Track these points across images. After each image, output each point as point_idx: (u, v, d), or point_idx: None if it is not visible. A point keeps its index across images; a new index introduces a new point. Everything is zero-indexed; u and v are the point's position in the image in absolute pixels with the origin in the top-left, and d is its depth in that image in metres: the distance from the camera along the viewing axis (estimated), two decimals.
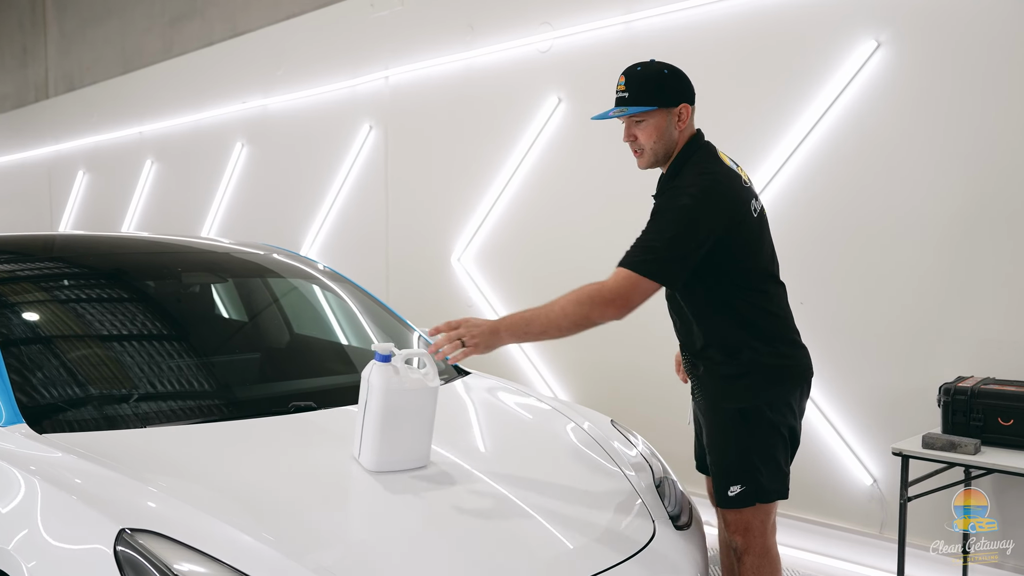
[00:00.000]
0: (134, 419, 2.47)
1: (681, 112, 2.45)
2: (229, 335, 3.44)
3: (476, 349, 2.31)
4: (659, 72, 2.46)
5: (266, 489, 2.14)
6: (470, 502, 2.26)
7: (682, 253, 2.30)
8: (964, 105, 3.43)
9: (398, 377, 2.28)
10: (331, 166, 6.37)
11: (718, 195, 2.36)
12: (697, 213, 2.31)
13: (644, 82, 2.44)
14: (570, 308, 2.31)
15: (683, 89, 2.48)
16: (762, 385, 2.43)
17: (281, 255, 3.79)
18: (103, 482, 2.06)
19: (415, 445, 2.33)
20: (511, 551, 2.09)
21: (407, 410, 2.29)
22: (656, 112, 2.44)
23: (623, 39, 4.53)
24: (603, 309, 2.29)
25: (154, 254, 3.55)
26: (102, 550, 1.83)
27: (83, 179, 9.72)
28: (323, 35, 6.45)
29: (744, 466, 2.45)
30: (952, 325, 3.48)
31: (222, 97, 7.47)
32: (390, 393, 2.26)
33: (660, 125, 2.45)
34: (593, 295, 2.30)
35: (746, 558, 2.52)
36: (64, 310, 2.91)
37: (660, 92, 2.44)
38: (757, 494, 2.47)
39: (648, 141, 2.47)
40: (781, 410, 2.46)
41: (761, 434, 2.44)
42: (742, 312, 2.43)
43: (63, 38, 10.31)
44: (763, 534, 2.52)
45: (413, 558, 1.98)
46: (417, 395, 2.30)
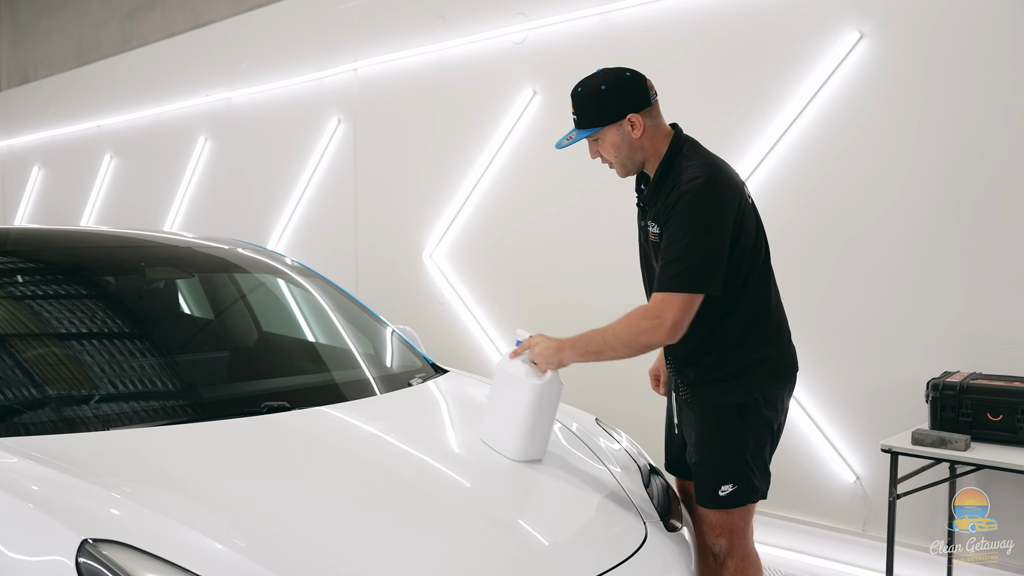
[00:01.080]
0: (95, 421, 2.32)
1: (632, 122, 2.37)
2: (194, 333, 3.29)
3: (542, 366, 2.38)
4: (596, 91, 2.38)
5: (236, 493, 2.02)
6: (455, 507, 2.16)
7: (710, 255, 2.23)
8: (948, 97, 3.39)
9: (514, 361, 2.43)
10: (299, 160, 6.21)
11: (724, 186, 2.30)
12: (710, 208, 2.25)
13: (585, 104, 2.40)
14: (620, 330, 2.29)
15: (625, 100, 2.37)
16: (761, 380, 2.38)
17: (248, 250, 3.64)
18: (62, 489, 1.92)
19: (512, 434, 2.39)
20: (499, 556, 1.99)
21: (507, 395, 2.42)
22: (604, 129, 2.39)
23: (600, 30, 4.45)
24: (650, 334, 2.25)
25: (114, 248, 3.38)
26: (63, 562, 1.69)
27: (38, 174, 9.42)
28: (289, 26, 6.29)
29: (738, 465, 2.40)
30: (936, 320, 3.44)
31: (184, 90, 7.26)
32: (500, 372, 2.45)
33: (614, 140, 2.40)
34: (639, 320, 2.27)
35: (729, 561, 2.47)
36: (19, 307, 2.75)
37: (600, 111, 2.38)
38: (748, 494, 2.42)
39: (610, 155, 2.44)
40: (775, 406, 2.43)
41: (755, 432, 2.40)
42: (744, 306, 2.37)
43: (16, 29, 9.98)
44: (745, 535, 2.48)
45: (389, 564, 1.87)
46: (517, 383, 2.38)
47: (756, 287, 2.39)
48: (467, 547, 2.00)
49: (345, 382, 2.93)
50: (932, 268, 3.44)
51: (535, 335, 2.42)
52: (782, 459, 3.76)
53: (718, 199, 2.27)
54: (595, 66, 2.48)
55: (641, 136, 2.38)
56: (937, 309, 3.43)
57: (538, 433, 2.38)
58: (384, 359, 3.25)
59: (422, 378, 3.04)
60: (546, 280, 4.76)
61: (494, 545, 2.03)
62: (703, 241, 2.22)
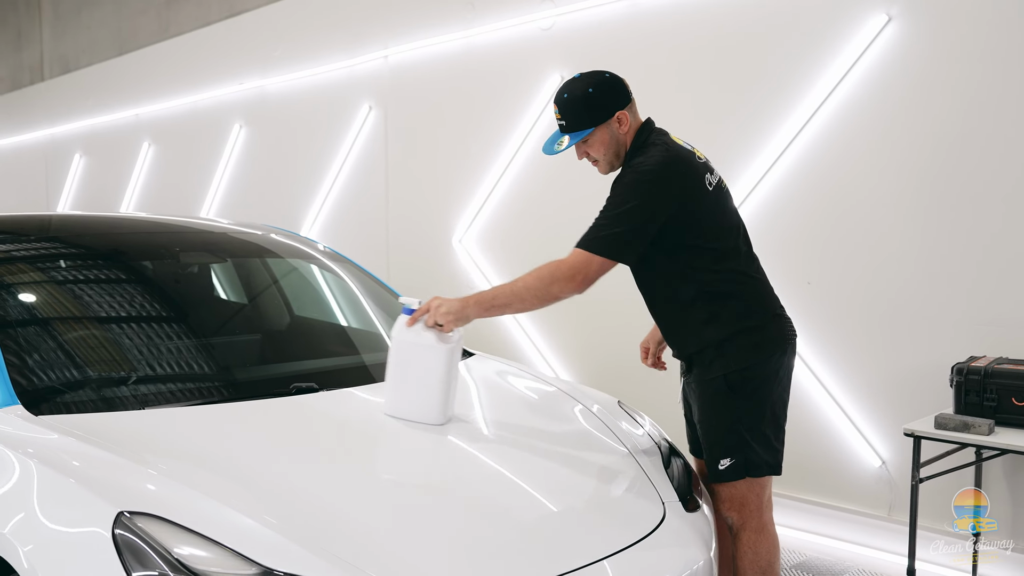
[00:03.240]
0: (132, 401, 2.42)
1: (620, 118, 2.50)
2: (228, 316, 3.38)
3: (448, 326, 2.46)
4: (584, 94, 2.49)
5: (267, 471, 2.09)
6: (477, 486, 2.22)
7: (632, 229, 2.37)
8: (978, 80, 3.36)
9: (413, 330, 2.46)
10: (331, 147, 6.29)
11: (669, 170, 2.41)
12: (646, 188, 2.38)
13: (574, 108, 2.50)
14: (532, 283, 2.43)
15: (613, 99, 2.50)
16: (743, 353, 2.44)
17: (280, 235, 3.73)
18: (101, 465, 2.01)
19: (426, 400, 2.44)
20: (520, 534, 2.05)
21: (415, 363, 2.45)
22: (596, 130, 2.50)
23: (627, 16, 4.45)
24: (562, 285, 2.41)
25: (152, 234, 3.49)
26: (100, 533, 1.78)
27: (80, 162, 9.63)
28: (322, 14, 6.36)
29: (732, 438, 2.45)
30: (963, 305, 3.42)
31: (219, 78, 7.37)
32: (400, 343, 2.48)
33: (604, 139, 2.52)
34: (554, 272, 2.41)
35: (743, 535, 2.52)
36: (61, 291, 2.85)
37: (591, 112, 2.49)
38: (747, 467, 2.47)
39: (599, 153, 2.55)
40: (768, 379, 2.47)
41: (747, 405, 2.45)
42: (708, 287, 2.45)
43: (58, 20, 10.19)
44: (759, 509, 2.51)
45: (416, 541, 1.93)
46: (426, 351, 2.44)
47: (724, 266, 2.46)
48: (487, 524, 2.06)
49: (371, 364, 3.00)
50: (960, 252, 3.42)
51: (431, 299, 2.50)
52: (809, 443, 3.80)
53: (659, 181, 2.39)
54: (623, 51, 2.54)
55: (626, 132, 2.52)
56: (965, 293, 3.42)
57: (452, 393, 2.50)
58: None
59: None
60: None
61: (513, 523, 2.09)
62: (632, 215, 2.37)
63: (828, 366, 3.81)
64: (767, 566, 2.53)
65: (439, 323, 2.46)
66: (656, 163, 2.41)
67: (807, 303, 3.77)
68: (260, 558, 1.75)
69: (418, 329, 2.47)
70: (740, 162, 3.96)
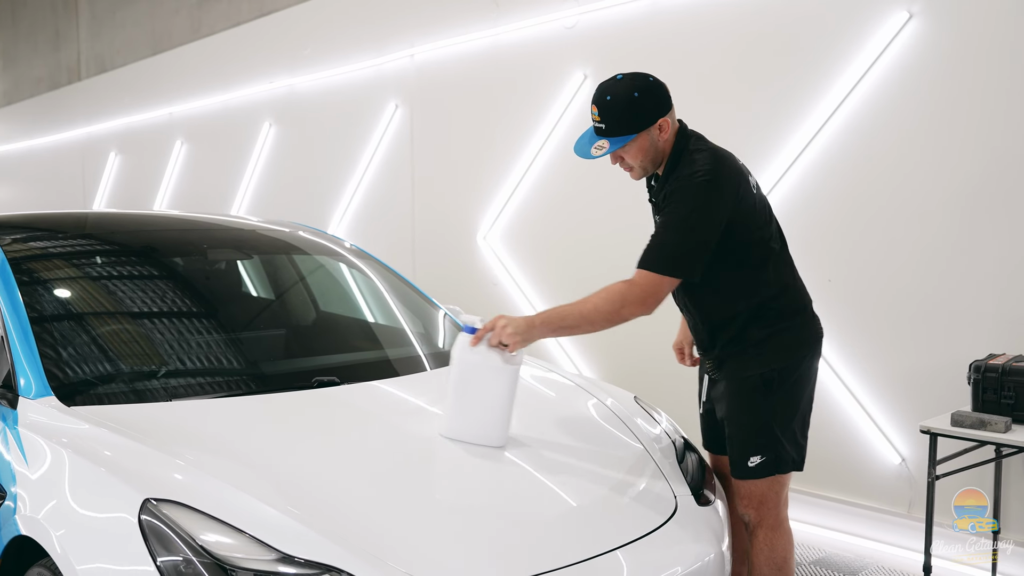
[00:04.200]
0: (161, 393, 2.50)
1: (661, 125, 2.43)
2: (255, 311, 3.46)
3: (513, 346, 2.37)
4: (629, 98, 2.41)
5: (288, 461, 2.16)
6: (493, 477, 2.27)
7: (699, 243, 2.34)
8: (999, 77, 3.35)
9: (476, 350, 2.36)
10: (358, 145, 6.38)
11: (721, 178, 2.37)
12: (704, 199, 2.34)
13: (619, 113, 2.42)
14: (602, 306, 2.35)
15: (658, 104, 2.44)
16: (780, 353, 2.45)
17: (307, 233, 3.81)
18: (130, 454, 2.09)
19: (488, 422, 2.36)
20: (532, 524, 2.10)
21: (477, 384, 2.36)
22: (637, 136, 2.43)
23: (649, 14, 4.48)
24: (634, 308, 2.35)
25: (183, 232, 3.58)
26: (127, 519, 1.86)
27: (115, 160, 9.83)
28: (349, 13, 6.44)
29: (765, 436, 2.47)
30: (983, 303, 3.41)
31: (250, 77, 7.49)
32: (462, 363, 2.38)
33: (644, 145, 2.45)
34: (625, 295, 2.35)
35: (759, 531, 2.54)
36: (93, 286, 2.95)
37: (637, 118, 2.42)
38: (777, 464, 2.48)
39: (636, 160, 2.49)
40: (800, 377, 2.49)
41: (782, 403, 2.47)
42: (755, 287, 2.45)
43: (94, 20, 10.39)
44: (776, 506, 2.53)
45: (431, 530, 1.99)
46: (490, 371, 2.35)
47: (768, 267, 2.47)
48: (501, 514, 2.11)
49: (394, 359, 3.07)
50: (982, 250, 3.41)
51: (495, 317, 2.41)
52: (828, 439, 3.80)
53: (714, 190, 2.35)
54: (645, 50, 2.52)
55: (667, 138, 2.46)
56: (986, 291, 3.41)
57: (511, 415, 2.41)
58: (433, 337, 3.37)
59: None
60: (595, 260, 4.82)
61: (526, 513, 2.13)
62: (692, 227, 2.33)
63: (849, 363, 3.81)
64: (782, 562, 2.55)
65: (504, 343, 2.36)
66: (709, 170, 2.36)
67: (828, 300, 3.76)
68: (279, 545, 1.82)
69: (481, 349, 2.36)
70: (761, 160, 3.97)
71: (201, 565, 1.78)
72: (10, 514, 2.11)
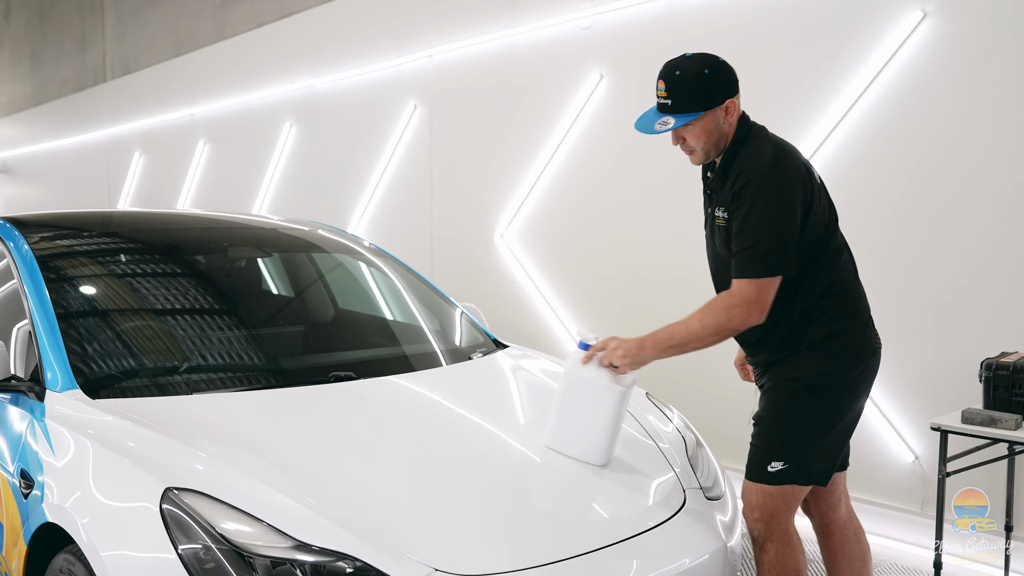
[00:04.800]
0: (181, 387, 2.57)
1: (728, 107, 2.38)
2: (275, 308, 3.53)
3: (624, 368, 2.34)
4: (700, 74, 2.35)
5: (306, 453, 2.22)
6: (505, 469, 2.32)
7: (783, 238, 2.26)
8: (1012, 77, 3.35)
9: (587, 367, 2.36)
10: (377, 144, 6.45)
11: (790, 168, 2.31)
12: (778, 188, 2.27)
13: (687, 88, 2.35)
14: (709, 321, 2.30)
15: (727, 84, 2.39)
16: (832, 357, 2.36)
17: (327, 232, 3.87)
18: (152, 445, 2.15)
19: (591, 440, 2.36)
20: (542, 517, 2.15)
21: (585, 401, 2.35)
22: (703, 115, 2.37)
23: (664, 15, 4.51)
24: (742, 319, 2.29)
25: (205, 230, 3.65)
26: (149, 508, 1.92)
27: (139, 160, 9.97)
28: (369, 14, 6.52)
29: (794, 443, 2.37)
30: (997, 301, 3.42)
31: (271, 78, 7.59)
32: (572, 379, 2.38)
33: (708, 126, 2.38)
34: (729, 308, 2.29)
35: (768, 546, 2.42)
36: (118, 283, 3.03)
37: (705, 95, 2.36)
38: (798, 474, 2.37)
39: (698, 142, 2.41)
40: (850, 388, 2.38)
41: (823, 412, 2.37)
42: (812, 283, 2.36)
43: (119, 22, 10.55)
44: (786, 520, 2.42)
45: (445, 521, 2.04)
46: (598, 390, 2.34)
47: (825, 263, 2.38)
48: (511, 505, 2.16)
49: (409, 355, 3.13)
50: (995, 248, 3.42)
51: (608, 338, 2.38)
52: None
53: (786, 181, 2.28)
54: (660, 51, 2.48)
55: (732, 122, 2.40)
56: (1000, 289, 3.41)
57: (618, 434, 2.39)
58: (448, 334, 3.43)
59: (483, 352, 3.21)
60: (613, 259, 4.87)
61: (539, 505, 2.19)
62: (775, 224, 2.26)
63: None
64: None
65: (614, 364, 2.34)
66: (775, 158, 2.31)
67: None
68: (296, 533, 1.88)
69: (592, 366, 2.36)
70: None
71: (220, 552, 1.84)
72: (38, 502, 2.18)
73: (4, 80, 14.54)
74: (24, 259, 2.85)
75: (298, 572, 1.83)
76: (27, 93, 13.55)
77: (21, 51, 13.68)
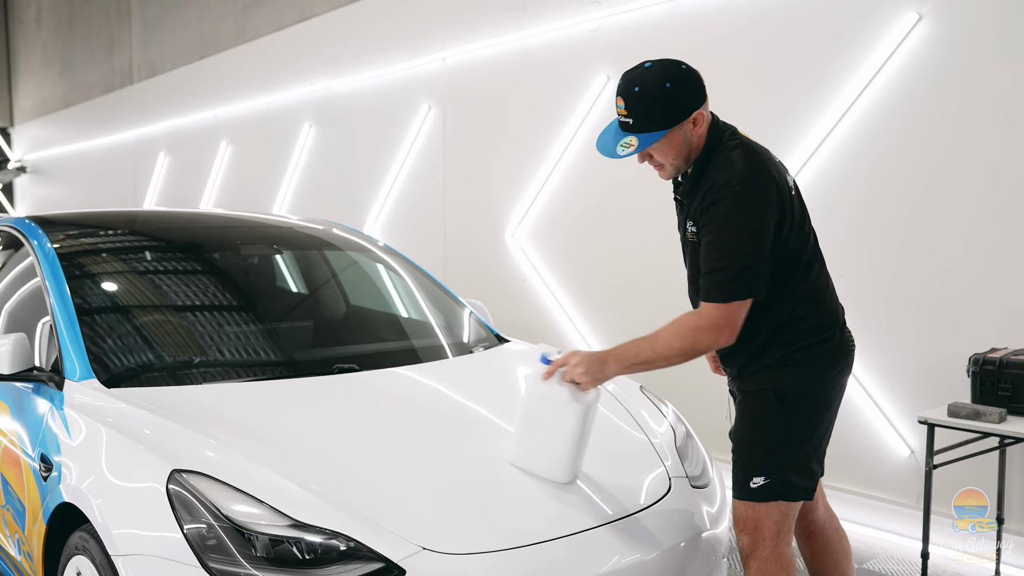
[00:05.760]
0: (192, 376, 2.70)
1: (696, 119, 2.22)
2: (288, 304, 3.66)
3: (588, 384, 2.25)
4: (661, 89, 2.18)
5: (308, 439, 2.34)
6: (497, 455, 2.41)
7: (752, 260, 2.15)
8: (1007, 79, 3.41)
9: (548, 383, 2.28)
10: (392, 145, 6.59)
11: (762, 183, 2.18)
12: (748, 211, 2.14)
13: (646, 105, 2.19)
14: (675, 342, 2.19)
15: (693, 95, 2.22)
16: (801, 368, 2.28)
17: (340, 231, 4.00)
18: (160, 430, 2.29)
19: (553, 457, 2.29)
20: (531, 500, 2.25)
21: (546, 418, 2.28)
22: (669, 132, 2.21)
23: (668, 18, 4.60)
24: (711, 341, 2.19)
25: (224, 229, 3.79)
26: (157, 488, 2.05)
27: (164, 160, 10.19)
28: (385, 18, 6.66)
29: (772, 457, 2.30)
30: (990, 298, 3.48)
31: (291, 80, 7.76)
32: (533, 394, 2.31)
33: (676, 142, 2.23)
34: (696, 328, 2.19)
35: (751, 563, 2.32)
36: (135, 279, 3.17)
37: (669, 112, 2.19)
38: (782, 489, 2.28)
39: (667, 158, 2.28)
40: (818, 397, 2.31)
41: (795, 422, 2.30)
42: (786, 295, 2.26)
43: (145, 27, 10.78)
44: (774, 537, 2.31)
45: (438, 502, 2.16)
46: (558, 407, 2.26)
47: (801, 275, 2.29)
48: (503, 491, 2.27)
49: (412, 348, 3.24)
50: (990, 246, 3.48)
51: (570, 352, 2.29)
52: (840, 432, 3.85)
53: (757, 199, 2.15)
54: (664, 52, 2.38)
55: (702, 132, 2.24)
56: (993, 286, 3.47)
57: (582, 451, 2.31)
58: (452, 329, 3.54)
59: (484, 346, 3.32)
60: (621, 257, 4.96)
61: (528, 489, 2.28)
62: (745, 248, 2.14)
63: (860, 358, 3.87)
64: None
65: (575, 380, 2.24)
66: (747, 172, 2.16)
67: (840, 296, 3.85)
68: (293, 513, 2.00)
69: (553, 382, 2.27)
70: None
71: (222, 530, 1.97)
72: (56, 484, 2.33)
73: (35, 83, 14.89)
74: (47, 257, 3.00)
75: (294, 549, 1.95)
76: (57, 95, 13.87)
77: (52, 55, 14.01)
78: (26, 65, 15.33)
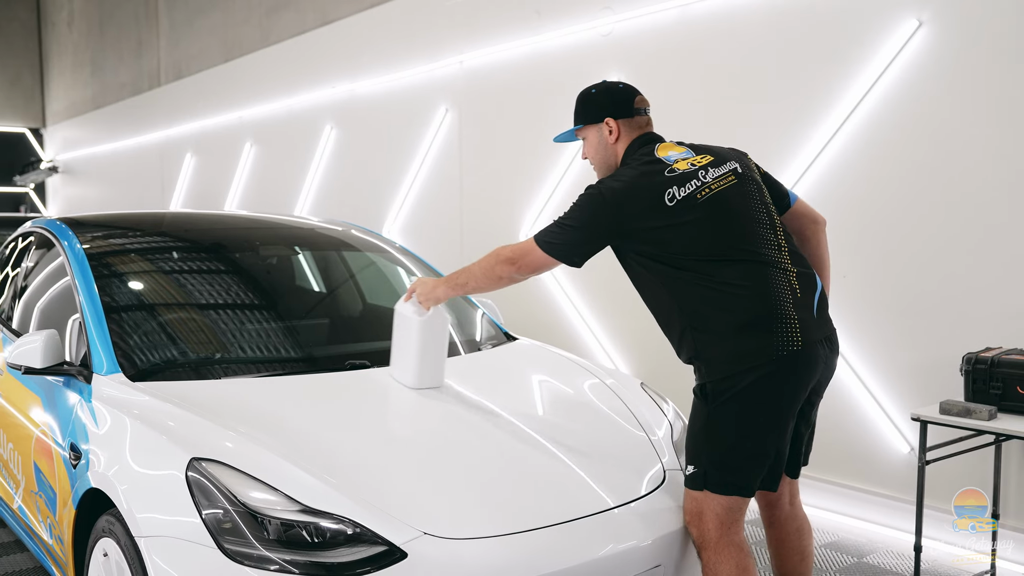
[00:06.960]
0: (212, 371, 2.85)
1: (609, 125, 2.62)
2: (307, 302, 3.81)
3: (425, 303, 2.78)
4: (587, 92, 2.69)
5: (320, 430, 2.47)
6: (501, 447, 2.55)
7: (574, 241, 2.47)
8: (1006, 85, 3.48)
9: (403, 304, 2.86)
10: (411, 147, 6.73)
11: (615, 194, 2.44)
12: (590, 210, 2.47)
13: (577, 103, 2.69)
14: (484, 264, 2.60)
15: (608, 104, 2.63)
16: (717, 366, 2.38)
17: (358, 232, 4.14)
18: (182, 421, 2.43)
19: (405, 363, 2.83)
20: (530, 489, 2.37)
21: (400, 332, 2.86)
22: (588, 128, 2.67)
23: (679, 23, 4.69)
24: (504, 265, 2.55)
25: (247, 230, 3.95)
26: (176, 475, 2.20)
27: (191, 161, 10.42)
28: (404, 22, 6.80)
29: (694, 446, 2.46)
30: (988, 298, 3.55)
31: (313, 82, 7.93)
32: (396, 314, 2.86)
33: (594, 142, 2.67)
34: (499, 253, 2.57)
35: (703, 553, 2.41)
36: (160, 279, 3.33)
37: (586, 109, 2.67)
38: (705, 480, 2.39)
39: (590, 156, 2.70)
40: (745, 395, 2.34)
41: (717, 417, 2.39)
42: (690, 294, 2.41)
43: (173, 30, 11.02)
44: (717, 528, 2.38)
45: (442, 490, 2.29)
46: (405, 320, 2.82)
47: (706, 275, 2.38)
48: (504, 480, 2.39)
49: None
50: (988, 248, 3.55)
51: (416, 280, 2.84)
52: (841, 428, 3.98)
53: (600, 208, 2.45)
54: (673, 56, 2.67)
55: (616, 142, 2.63)
56: (990, 286, 3.54)
57: (428, 361, 2.80)
58: (463, 327, 3.66)
59: (493, 344, 3.45)
60: None
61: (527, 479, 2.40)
62: (575, 231, 2.47)
63: (860, 355, 3.98)
64: None
65: (420, 301, 2.79)
66: (608, 188, 2.46)
67: (842, 296, 3.94)
68: (304, 499, 2.13)
69: (409, 303, 2.84)
70: (779, 164, 4.15)
71: (237, 514, 2.10)
72: (84, 471, 2.48)
73: (66, 85, 15.23)
74: (76, 257, 3.17)
75: (304, 532, 2.09)
76: (87, 97, 14.18)
77: (82, 57, 14.32)
78: (58, 67, 15.68)
